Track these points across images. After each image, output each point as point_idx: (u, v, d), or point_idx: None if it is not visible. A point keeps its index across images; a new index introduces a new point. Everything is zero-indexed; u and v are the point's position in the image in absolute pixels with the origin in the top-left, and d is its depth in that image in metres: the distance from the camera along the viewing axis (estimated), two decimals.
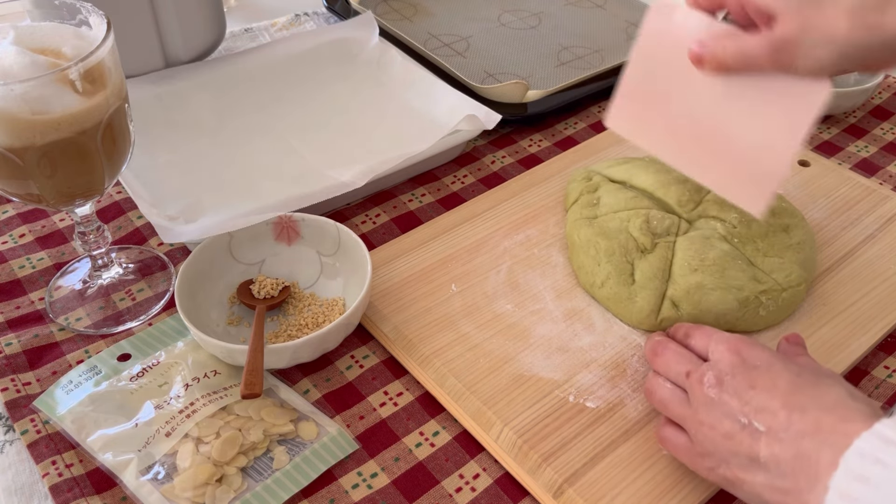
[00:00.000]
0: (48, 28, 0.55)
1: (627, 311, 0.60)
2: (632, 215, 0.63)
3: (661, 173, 0.66)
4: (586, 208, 0.66)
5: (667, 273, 0.60)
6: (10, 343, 0.59)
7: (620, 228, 0.62)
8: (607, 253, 0.61)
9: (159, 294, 0.64)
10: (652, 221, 0.62)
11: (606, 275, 0.60)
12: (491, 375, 0.56)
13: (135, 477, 0.50)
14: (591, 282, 0.62)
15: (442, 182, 0.76)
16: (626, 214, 0.63)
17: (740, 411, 0.44)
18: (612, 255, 0.61)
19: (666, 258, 0.60)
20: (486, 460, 0.53)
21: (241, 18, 1.03)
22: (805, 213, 0.69)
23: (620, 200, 0.65)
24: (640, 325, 0.60)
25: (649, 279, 0.59)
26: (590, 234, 0.63)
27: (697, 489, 0.50)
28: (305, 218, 0.63)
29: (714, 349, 0.49)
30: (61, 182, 0.54)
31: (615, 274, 0.60)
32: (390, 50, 0.86)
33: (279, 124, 0.79)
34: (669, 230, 0.62)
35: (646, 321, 0.59)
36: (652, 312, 0.59)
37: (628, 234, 0.62)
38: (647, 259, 0.60)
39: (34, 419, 0.54)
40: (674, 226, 0.62)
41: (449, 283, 0.63)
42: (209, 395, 0.54)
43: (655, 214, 0.63)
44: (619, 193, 0.66)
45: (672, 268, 0.60)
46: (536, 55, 0.93)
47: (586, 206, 0.66)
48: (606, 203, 0.65)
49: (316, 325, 0.59)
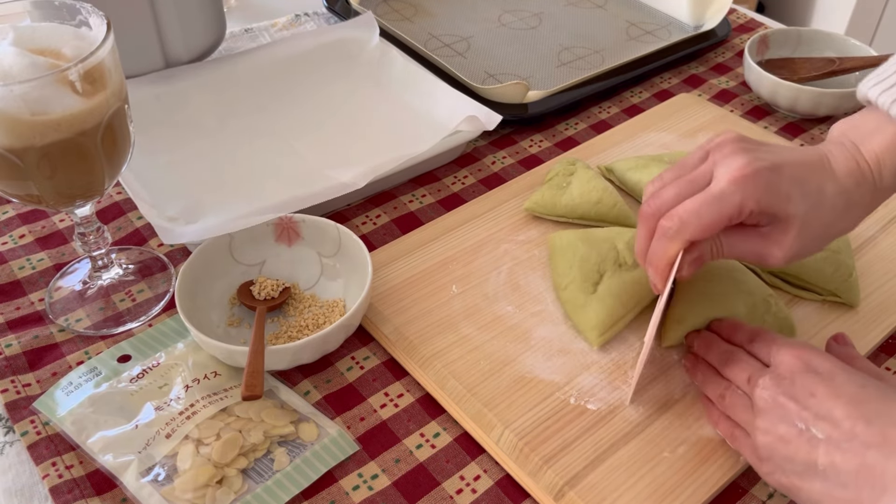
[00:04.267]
0: (48, 29, 0.55)
1: (577, 317, 0.59)
2: (625, 231, 0.63)
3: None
4: (554, 189, 0.68)
5: (634, 300, 0.59)
6: (10, 344, 0.59)
7: (607, 238, 0.62)
8: (582, 258, 0.60)
9: (159, 295, 0.64)
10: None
11: (571, 279, 0.60)
12: (492, 377, 0.56)
13: (135, 478, 0.50)
14: (557, 283, 0.61)
15: (442, 183, 0.76)
16: (620, 229, 0.63)
17: (798, 416, 0.43)
18: (586, 261, 0.60)
19: (643, 285, 0.59)
20: (486, 462, 0.53)
21: (241, 18, 1.03)
22: None
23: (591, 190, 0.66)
24: (583, 334, 0.58)
25: (611, 296, 0.58)
26: (572, 238, 0.62)
27: (698, 492, 0.50)
28: (306, 219, 0.63)
29: (776, 353, 0.48)
30: (61, 183, 0.54)
31: (579, 278, 0.59)
32: (391, 50, 0.85)
33: (279, 125, 0.79)
34: None
35: (589, 333, 0.58)
36: (594, 329, 0.57)
37: (613, 245, 0.61)
38: (620, 276, 0.59)
39: (34, 420, 0.54)
40: None
41: (450, 284, 0.63)
42: (209, 396, 0.54)
43: None
44: (593, 182, 0.67)
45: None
46: (537, 56, 0.93)
47: (555, 188, 0.68)
48: (575, 186, 0.67)
49: (316, 326, 0.59)
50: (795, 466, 0.43)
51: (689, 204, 0.48)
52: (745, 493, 0.52)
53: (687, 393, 0.55)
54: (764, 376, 0.47)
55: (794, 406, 0.44)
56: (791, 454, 0.43)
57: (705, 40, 0.95)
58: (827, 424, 0.42)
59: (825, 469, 0.41)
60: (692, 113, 0.82)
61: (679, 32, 0.98)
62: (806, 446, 0.42)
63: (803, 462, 0.43)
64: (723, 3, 0.97)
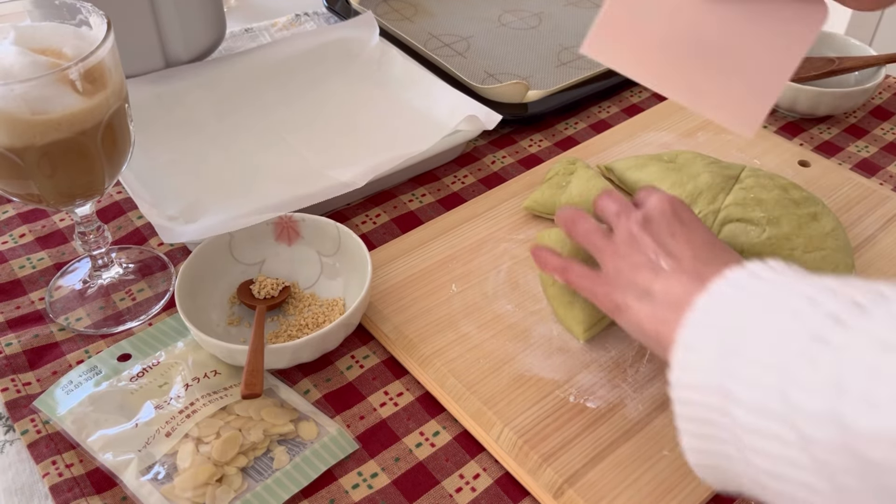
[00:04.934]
0: (48, 28, 0.55)
1: (564, 314, 0.59)
2: None
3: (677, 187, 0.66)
4: (553, 188, 0.68)
5: None
6: (11, 343, 0.59)
7: None
8: (571, 253, 0.60)
9: (159, 294, 0.64)
10: None
11: None
12: (491, 375, 0.56)
13: (135, 477, 0.50)
14: (545, 279, 0.61)
15: (442, 182, 0.76)
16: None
17: (653, 250, 0.49)
18: (575, 255, 0.60)
19: None
20: (486, 460, 0.53)
21: (241, 18, 1.03)
22: None
23: (590, 189, 0.66)
24: (571, 331, 0.58)
25: None
26: (560, 235, 0.62)
27: (698, 490, 0.50)
28: (306, 218, 0.63)
29: (649, 197, 0.53)
30: (61, 182, 0.54)
31: None
32: (391, 50, 0.86)
33: (279, 124, 0.79)
34: None
35: (576, 328, 0.58)
36: (581, 323, 0.57)
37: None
38: None
39: (34, 419, 0.54)
40: None
41: (449, 283, 0.63)
42: (209, 395, 0.54)
43: None
44: (592, 182, 0.67)
45: None
46: (536, 55, 0.93)
47: (555, 187, 0.68)
48: (575, 186, 0.67)
49: (316, 325, 0.59)
50: (636, 290, 0.48)
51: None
52: None
53: None
54: (636, 212, 0.52)
55: (652, 242, 0.49)
56: (636, 278, 0.48)
57: None
58: (674, 260, 0.48)
59: (657, 293, 0.47)
60: (692, 112, 0.82)
61: None
62: (650, 274, 0.48)
63: (643, 286, 0.48)
64: None
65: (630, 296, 0.48)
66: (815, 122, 0.85)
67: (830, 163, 0.76)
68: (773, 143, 0.79)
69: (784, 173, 0.73)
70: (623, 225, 0.52)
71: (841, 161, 0.80)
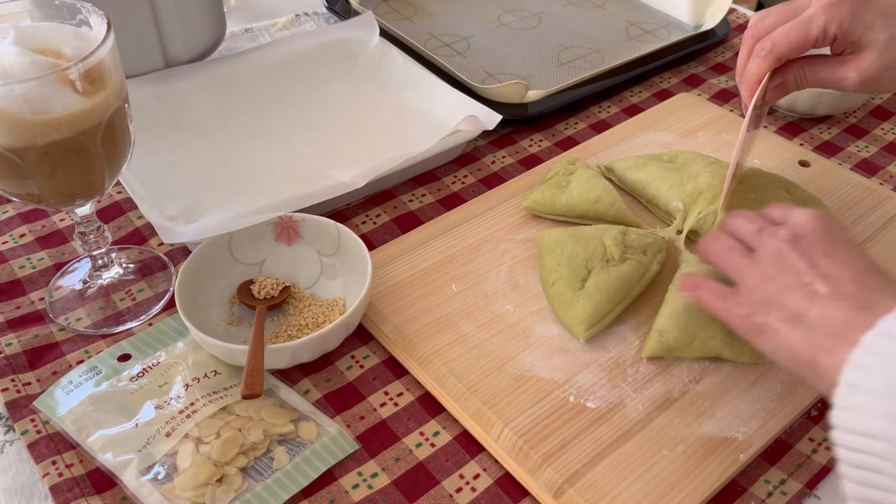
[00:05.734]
0: (48, 28, 0.55)
1: (565, 313, 0.59)
2: (612, 227, 0.63)
3: (677, 187, 0.66)
4: (553, 188, 0.68)
5: (620, 295, 0.59)
6: (11, 343, 0.59)
7: (594, 235, 0.62)
8: (570, 255, 0.60)
9: (159, 294, 0.64)
10: (630, 235, 0.62)
11: (559, 275, 0.60)
12: (491, 375, 0.56)
13: (135, 477, 0.50)
14: (545, 279, 0.61)
15: (442, 182, 0.76)
16: (607, 226, 0.63)
17: (807, 272, 0.45)
18: (574, 257, 0.60)
19: (630, 279, 0.59)
20: (486, 460, 0.53)
21: (241, 18, 1.03)
22: None
23: (590, 189, 0.66)
24: (571, 331, 0.58)
25: (599, 291, 0.58)
26: (561, 235, 0.62)
27: (697, 490, 0.50)
28: (306, 218, 0.63)
29: (795, 214, 0.49)
30: (61, 182, 0.54)
31: (567, 275, 0.59)
32: (391, 50, 0.86)
33: (279, 124, 0.79)
34: (647, 249, 0.62)
35: (576, 327, 0.58)
36: (582, 323, 0.57)
37: (600, 241, 0.61)
38: (607, 271, 0.59)
39: (34, 419, 0.54)
40: (654, 246, 0.62)
41: (449, 283, 0.63)
42: (209, 395, 0.54)
43: (637, 231, 0.63)
44: (592, 181, 0.67)
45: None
46: (536, 55, 0.93)
47: (555, 187, 0.68)
48: (575, 185, 0.67)
49: (316, 325, 0.59)
50: (785, 313, 0.44)
51: (782, 28, 0.56)
52: (744, 491, 0.52)
53: (686, 391, 0.55)
54: (782, 230, 0.48)
55: (805, 263, 0.45)
56: (785, 301, 0.45)
57: (705, 40, 0.95)
58: (832, 283, 0.44)
59: (814, 319, 0.43)
60: (691, 112, 0.82)
61: (679, 32, 0.98)
62: (803, 299, 0.44)
63: (794, 310, 0.44)
64: (722, 3, 0.97)
65: (775, 318, 0.45)
66: (815, 121, 0.85)
67: (830, 163, 0.76)
68: (774, 142, 0.79)
69: (784, 173, 0.73)
70: (769, 243, 0.48)
71: (841, 161, 0.80)
